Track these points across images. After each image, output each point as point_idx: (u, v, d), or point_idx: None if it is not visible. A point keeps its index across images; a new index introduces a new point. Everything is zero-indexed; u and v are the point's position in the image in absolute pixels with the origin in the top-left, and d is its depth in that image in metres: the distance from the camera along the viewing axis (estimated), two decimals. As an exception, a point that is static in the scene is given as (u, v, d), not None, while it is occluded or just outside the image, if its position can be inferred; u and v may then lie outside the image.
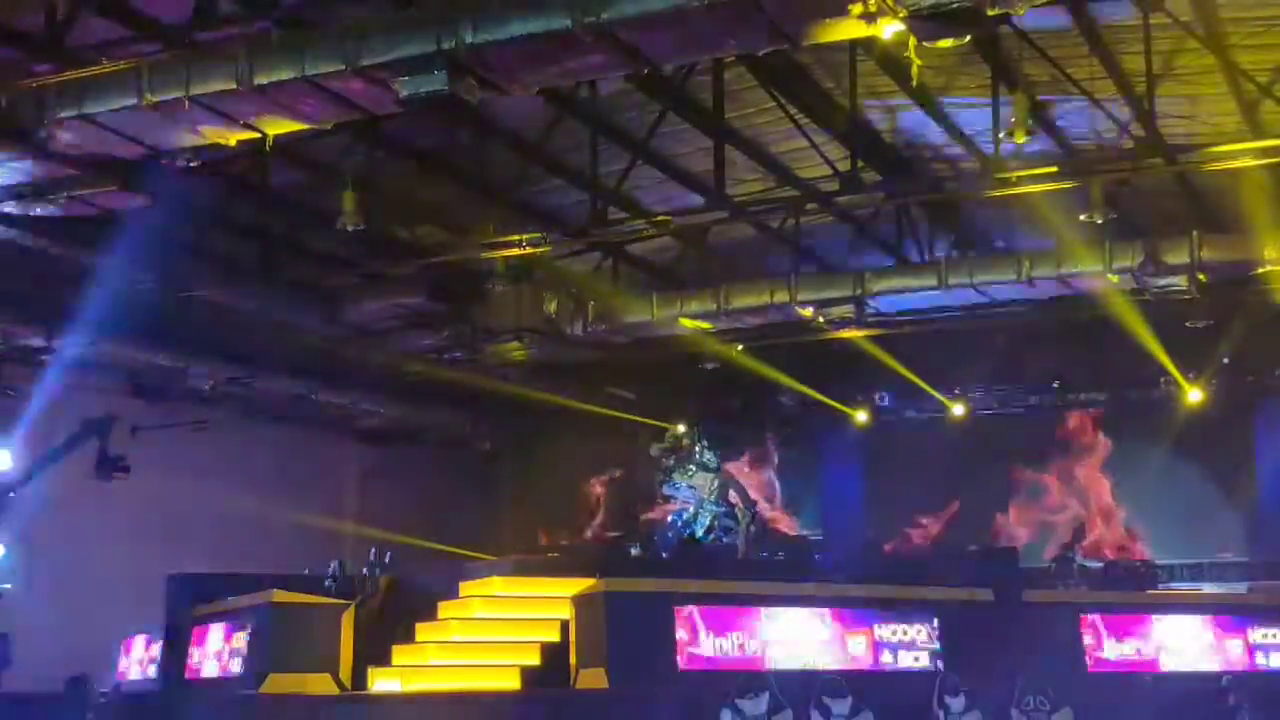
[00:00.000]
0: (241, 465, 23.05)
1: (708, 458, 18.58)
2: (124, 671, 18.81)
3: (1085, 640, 15.91)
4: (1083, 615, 16.08)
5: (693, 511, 18.36)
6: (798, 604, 15.04)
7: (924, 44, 10.68)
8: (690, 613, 14.33)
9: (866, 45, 13.83)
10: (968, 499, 23.15)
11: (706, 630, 14.34)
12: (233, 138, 12.63)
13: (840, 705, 13.58)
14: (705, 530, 18.17)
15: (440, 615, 15.81)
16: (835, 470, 26.28)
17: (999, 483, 23.04)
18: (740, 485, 19.21)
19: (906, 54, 11.13)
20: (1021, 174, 16.01)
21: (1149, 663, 16.18)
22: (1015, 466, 21.98)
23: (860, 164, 16.65)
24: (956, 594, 15.67)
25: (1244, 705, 15.41)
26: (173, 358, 21.26)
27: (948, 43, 10.72)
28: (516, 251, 17.83)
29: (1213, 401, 23.18)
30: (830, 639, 14.98)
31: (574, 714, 14.13)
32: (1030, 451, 22.61)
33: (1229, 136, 16.19)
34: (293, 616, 14.93)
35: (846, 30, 10.73)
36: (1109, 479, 21.14)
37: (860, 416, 25.55)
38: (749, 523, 18.54)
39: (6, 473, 18.84)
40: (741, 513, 18.54)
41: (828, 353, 22.52)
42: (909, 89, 15.83)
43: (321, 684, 14.40)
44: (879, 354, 22.22)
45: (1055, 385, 24.48)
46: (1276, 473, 23.35)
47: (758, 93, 16.50)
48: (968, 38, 10.90)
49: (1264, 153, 15.50)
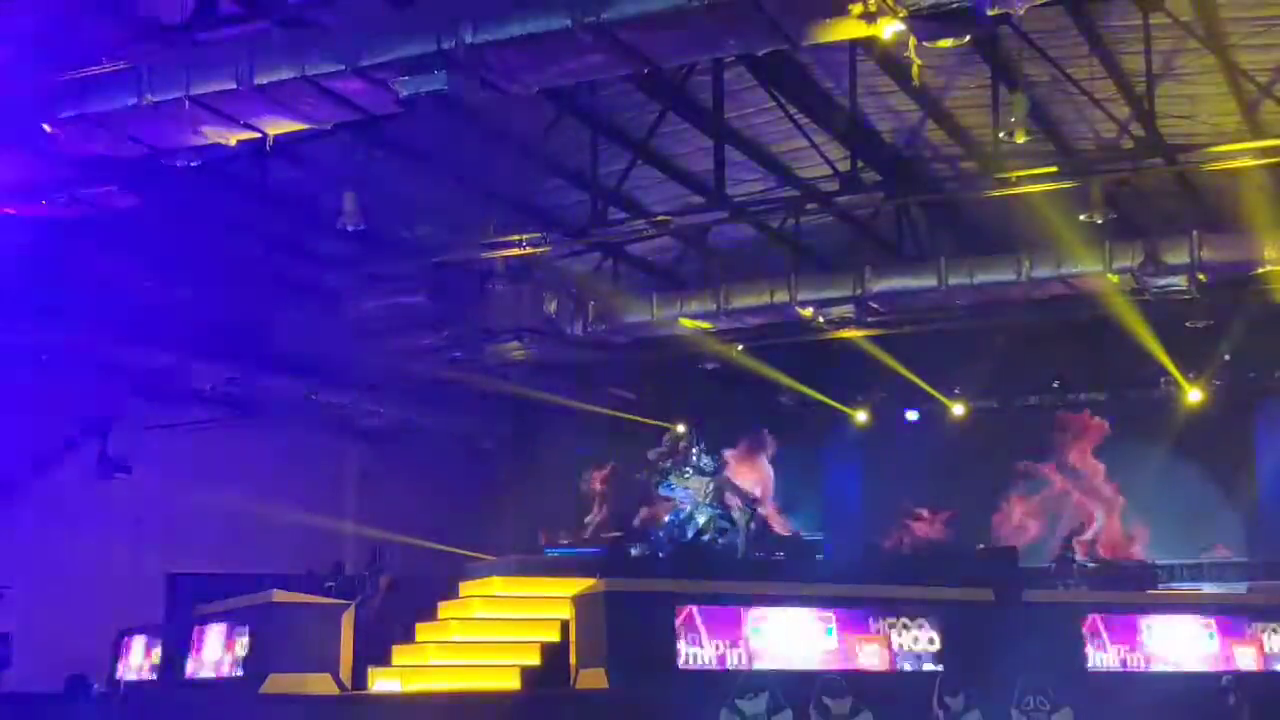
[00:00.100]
0: (241, 465, 23.05)
1: (704, 462, 18.58)
2: (124, 671, 18.81)
3: (1085, 640, 15.89)
4: (1083, 615, 16.06)
5: (688, 513, 18.36)
6: (798, 604, 15.02)
7: (924, 44, 10.68)
8: (690, 613, 14.32)
9: (866, 45, 13.82)
10: (968, 499, 23.13)
11: (706, 630, 14.32)
12: (233, 138, 12.64)
13: (840, 705, 13.59)
14: (698, 532, 18.16)
15: (440, 615, 15.83)
16: (835, 470, 26.27)
17: (999, 482, 23.04)
18: (737, 486, 19.18)
19: (906, 54, 11.14)
20: (1021, 174, 16.01)
21: (1149, 663, 16.16)
22: (1015, 463, 22.03)
23: (860, 164, 16.65)
24: (956, 594, 15.65)
25: (1244, 705, 15.40)
26: (173, 358, 21.28)
27: (948, 43, 10.73)
28: (516, 251, 17.83)
29: (1213, 401, 23.16)
30: (830, 639, 14.96)
31: (574, 714, 14.12)
32: (1030, 451, 22.59)
33: (1229, 136, 16.18)
34: (293, 616, 14.91)
35: (846, 30, 10.73)
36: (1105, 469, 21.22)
37: (860, 416, 25.53)
38: (749, 520, 18.52)
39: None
40: (741, 512, 18.51)
41: (828, 353, 22.51)
42: (909, 89, 15.84)
43: (321, 684, 14.38)
44: (879, 354, 22.21)
45: (1055, 385, 24.46)
46: (1276, 473, 23.33)
47: (758, 93, 16.50)
48: (968, 38, 10.89)
49: (1264, 153, 15.50)
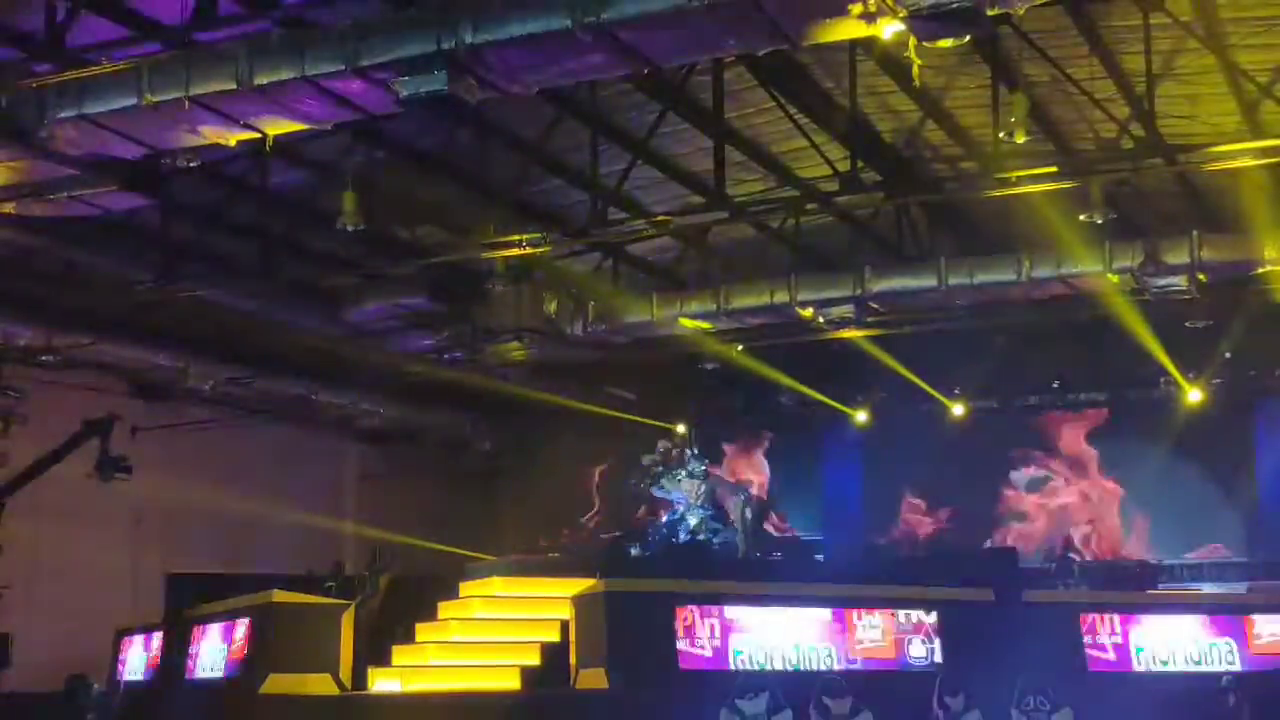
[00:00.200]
0: (241, 465, 23.06)
1: (694, 466, 18.69)
2: (124, 671, 18.81)
3: (1085, 640, 15.89)
4: (1083, 615, 16.06)
5: (680, 514, 18.44)
6: (798, 604, 15.02)
7: (924, 44, 10.68)
8: (690, 613, 14.32)
9: (866, 45, 13.82)
10: (968, 499, 23.12)
11: (706, 630, 14.32)
12: (233, 138, 12.62)
13: (840, 705, 13.60)
14: (691, 533, 18.23)
15: (440, 615, 15.83)
16: (835, 470, 26.26)
17: (999, 482, 23.04)
18: (728, 482, 19.26)
19: (906, 54, 11.14)
20: (1021, 174, 16.00)
21: (1148, 663, 16.16)
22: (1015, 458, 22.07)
23: (860, 164, 16.64)
24: (956, 594, 15.65)
25: (1244, 705, 15.40)
26: (173, 358, 21.30)
27: (948, 43, 10.71)
28: (516, 251, 17.80)
29: (1213, 401, 23.16)
30: (830, 639, 14.96)
31: (574, 714, 14.12)
32: (1030, 451, 22.60)
33: (1229, 136, 16.16)
34: (293, 616, 14.92)
35: (846, 30, 10.72)
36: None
37: (860, 416, 25.53)
38: (744, 506, 18.61)
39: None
40: (736, 504, 18.60)
41: (828, 353, 22.50)
42: (909, 89, 15.83)
43: (321, 684, 14.39)
44: (879, 354, 22.21)
45: (1055, 385, 24.47)
46: (1276, 473, 23.33)
47: (758, 93, 16.50)
48: (968, 38, 10.89)
49: (1264, 153, 15.47)
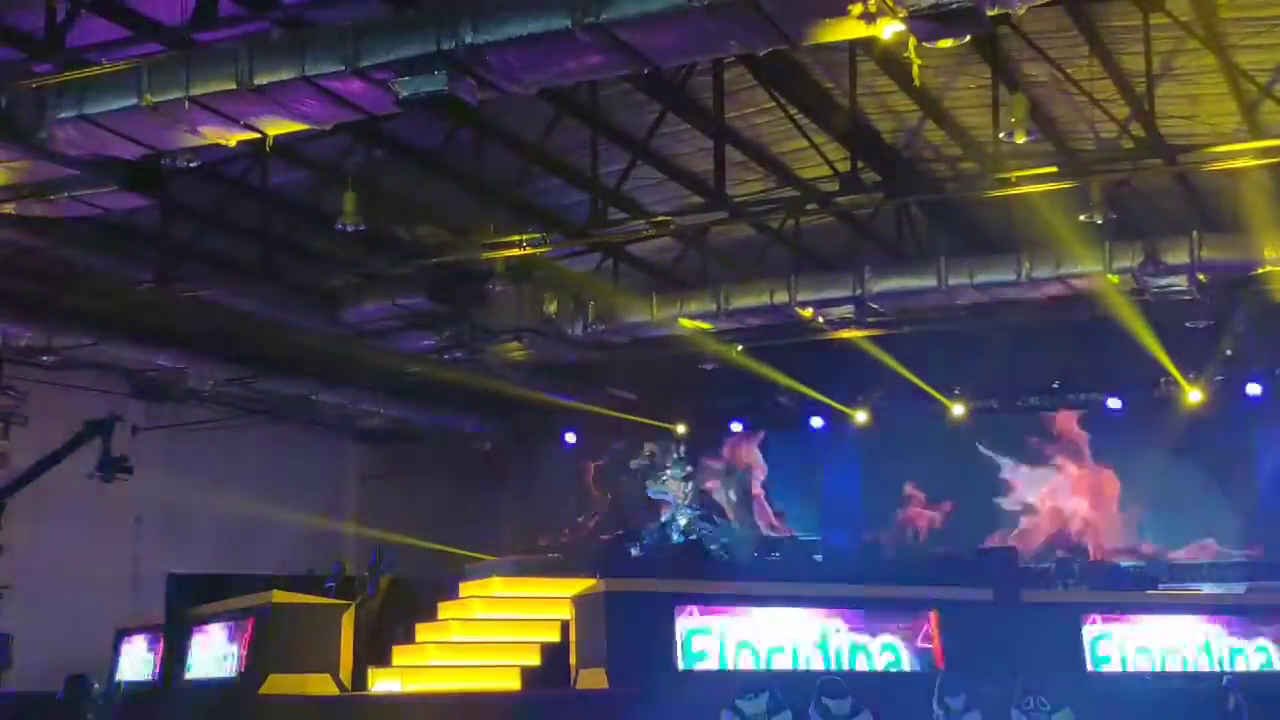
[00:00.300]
0: (241, 465, 23.07)
1: (675, 470, 18.75)
2: (124, 671, 18.79)
3: (1085, 640, 15.89)
4: (1083, 615, 16.05)
5: (670, 515, 18.50)
6: (798, 604, 15.01)
7: (924, 44, 10.68)
8: (690, 613, 14.31)
9: (866, 45, 13.81)
10: (967, 498, 23.09)
11: (706, 631, 14.31)
12: (233, 138, 12.63)
13: (840, 705, 13.58)
14: (681, 532, 18.29)
15: (440, 615, 15.80)
16: (834, 470, 26.25)
17: (998, 482, 23.02)
18: (712, 467, 19.33)
19: (906, 54, 11.14)
20: (1021, 174, 16.00)
21: (1148, 663, 16.15)
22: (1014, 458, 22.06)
23: (860, 164, 16.64)
24: (956, 594, 15.64)
25: (1244, 705, 15.39)
26: (173, 358, 21.30)
27: (948, 43, 10.71)
28: (516, 251, 17.81)
29: (1213, 401, 23.15)
30: (830, 639, 14.95)
31: (574, 714, 14.10)
32: (1029, 451, 22.56)
33: (1229, 136, 16.15)
34: (293, 617, 14.89)
35: (846, 30, 10.72)
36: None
37: (860, 416, 25.52)
38: (729, 489, 18.73)
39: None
40: (722, 488, 18.72)
41: (828, 353, 22.50)
42: (909, 89, 15.83)
43: (321, 684, 14.38)
44: (879, 354, 22.21)
45: (1055, 385, 24.46)
46: (1276, 473, 23.32)
47: (758, 93, 16.49)
48: (967, 38, 10.89)
49: (1264, 153, 15.47)
